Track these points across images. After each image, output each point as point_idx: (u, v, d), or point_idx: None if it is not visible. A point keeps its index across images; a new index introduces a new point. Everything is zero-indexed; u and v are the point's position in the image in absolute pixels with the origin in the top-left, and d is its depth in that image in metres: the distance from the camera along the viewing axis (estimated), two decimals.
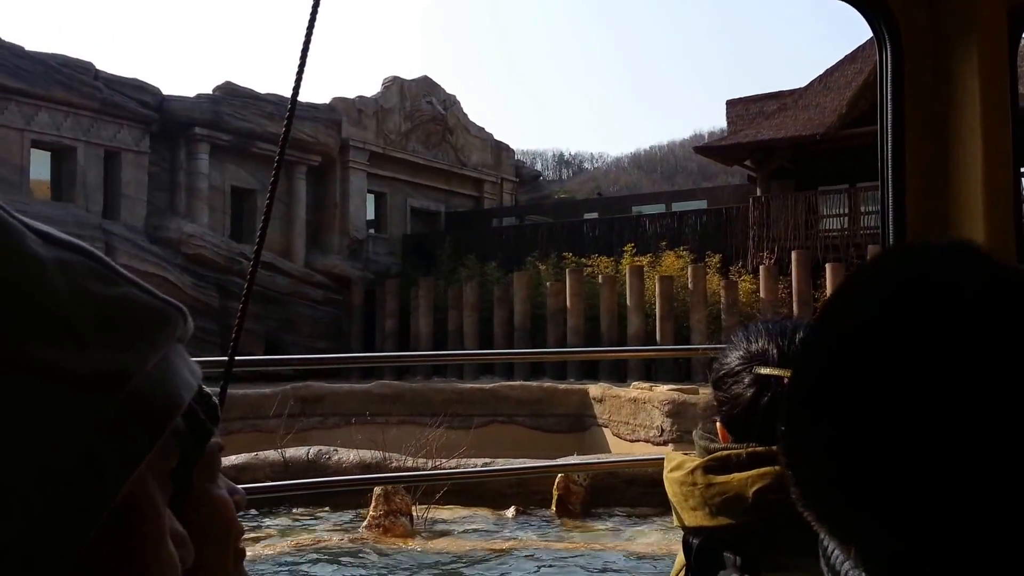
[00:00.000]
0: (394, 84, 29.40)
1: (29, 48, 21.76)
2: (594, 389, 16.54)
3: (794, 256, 19.87)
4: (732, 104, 26.51)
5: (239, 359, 1.50)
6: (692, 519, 1.06)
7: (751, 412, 1.07)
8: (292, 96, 1.26)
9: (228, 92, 24.87)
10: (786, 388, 0.58)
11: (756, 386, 1.07)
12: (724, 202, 25.35)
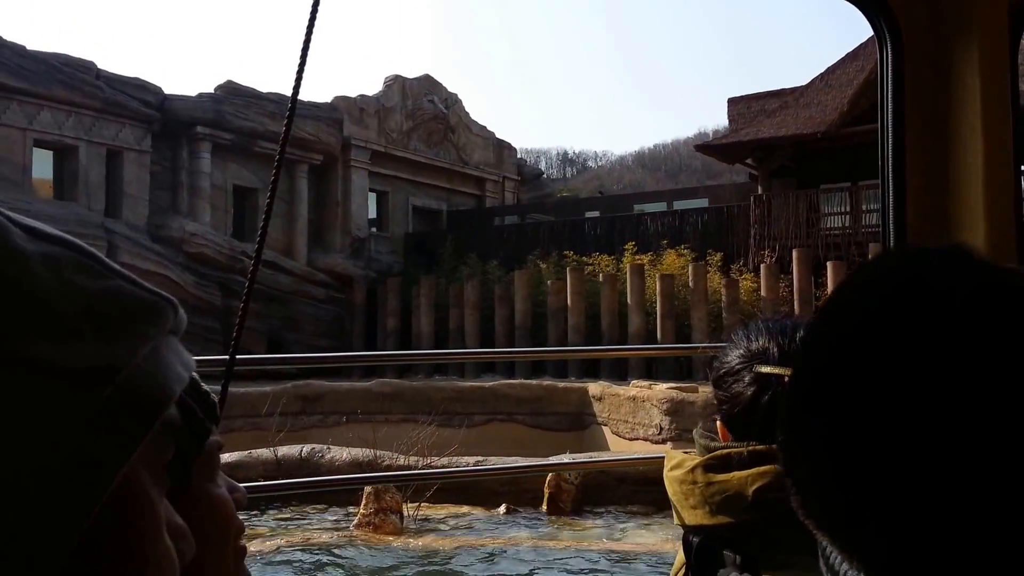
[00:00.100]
0: (396, 83, 29.40)
1: (31, 48, 21.77)
2: (593, 387, 16.53)
3: (795, 254, 19.85)
4: (733, 102, 26.50)
5: (240, 357, 1.50)
6: (692, 517, 1.06)
7: (751, 411, 1.07)
8: (292, 95, 1.26)
9: (230, 91, 24.88)
10: (786, 387, 0.58)
11: (756, 385, 1.07)
12: (726, 200, 25.34)
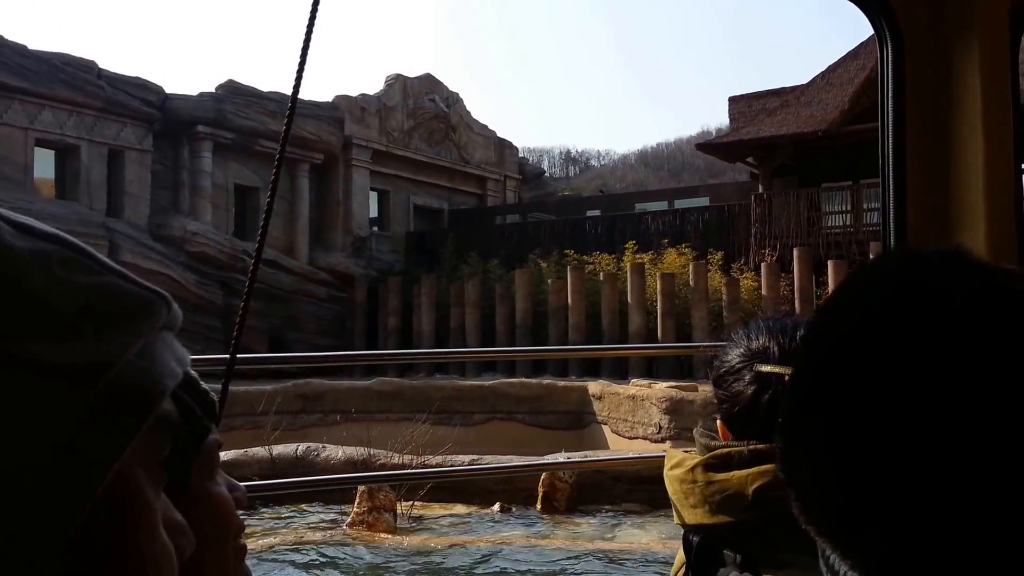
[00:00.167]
0: (397, 82, 29.39)
1: (32, 47, 21.77)
2: (593, 386, 16.50)
3: (796, 253, 19.83)
4: (734, 101, 26.49)
5: (241, 357, 1.50)
6: (692, 517, 1.06)
7: (752, 410, 1.07)
8: (293, 94, 1.26)
9: (231, 90, 24.88)
10: (786, 386, 0.59)
11: (757, 384, 1.07)
12: (727, 199, 25.33)
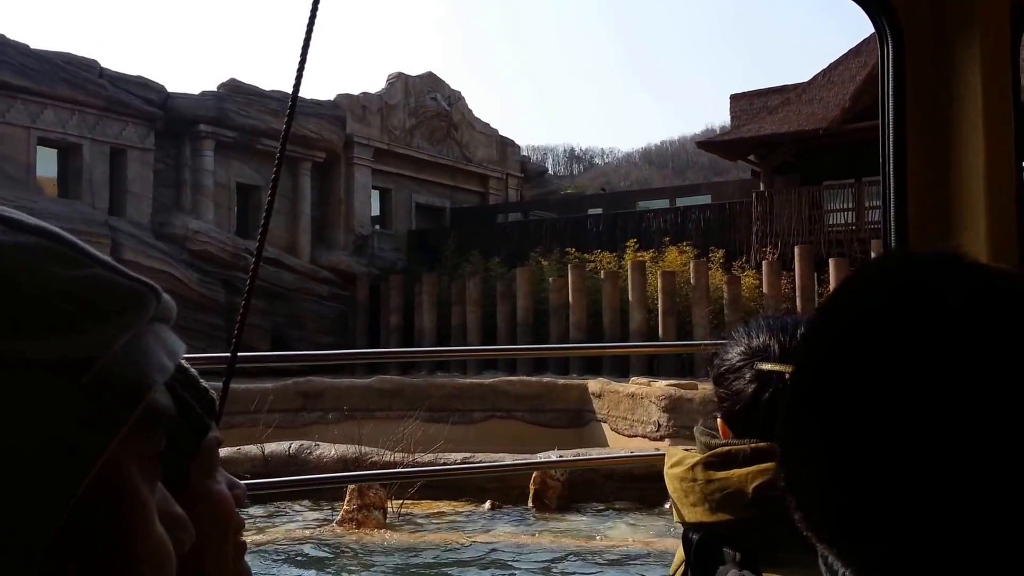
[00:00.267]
0: (398, 80, 29.37)
1: (34, 47, 21.79)
2: (593, 384, 16.49)
3: (797, 251, 19.80)
4: (736, 98, 26.46)
5: (242, 355, 1.51)
6: (692, 515, 1.06)
7: (752, 408, 1.07)
8: (293, 92, 1.26)
9: (232, 89, 24.89)
10: (787, 385, 0.59)
11: (757, 382, 1.07)
12: (728, 197, 25.29)
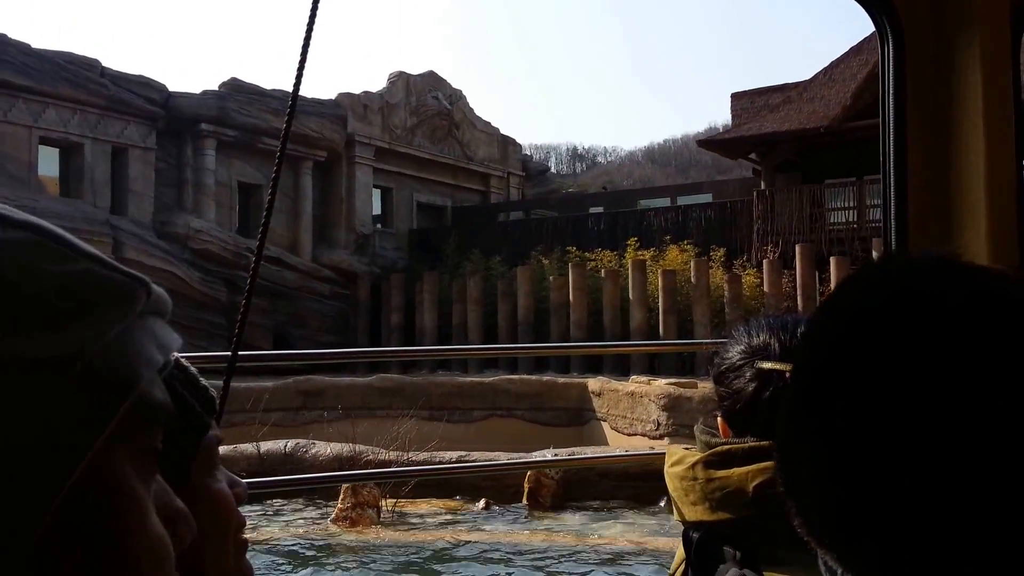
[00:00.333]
0: (400, 79, 29.36)
1: (36, 46, 21.79)
2: (593, 383, 16.48)
3: (798, 250, 19.78)
4: (737, 97, 26.42)
5: (243, 354, 1.51)
6: (692, 513, 1.06)
7: (752, 407, 1.07)
8: (293, 91, 1.26)
9: (234, 88, 24.88)
10: (787, 384, 0.59)
11: (758, 381, 1.07)
12: (729, 196, 25.26)
